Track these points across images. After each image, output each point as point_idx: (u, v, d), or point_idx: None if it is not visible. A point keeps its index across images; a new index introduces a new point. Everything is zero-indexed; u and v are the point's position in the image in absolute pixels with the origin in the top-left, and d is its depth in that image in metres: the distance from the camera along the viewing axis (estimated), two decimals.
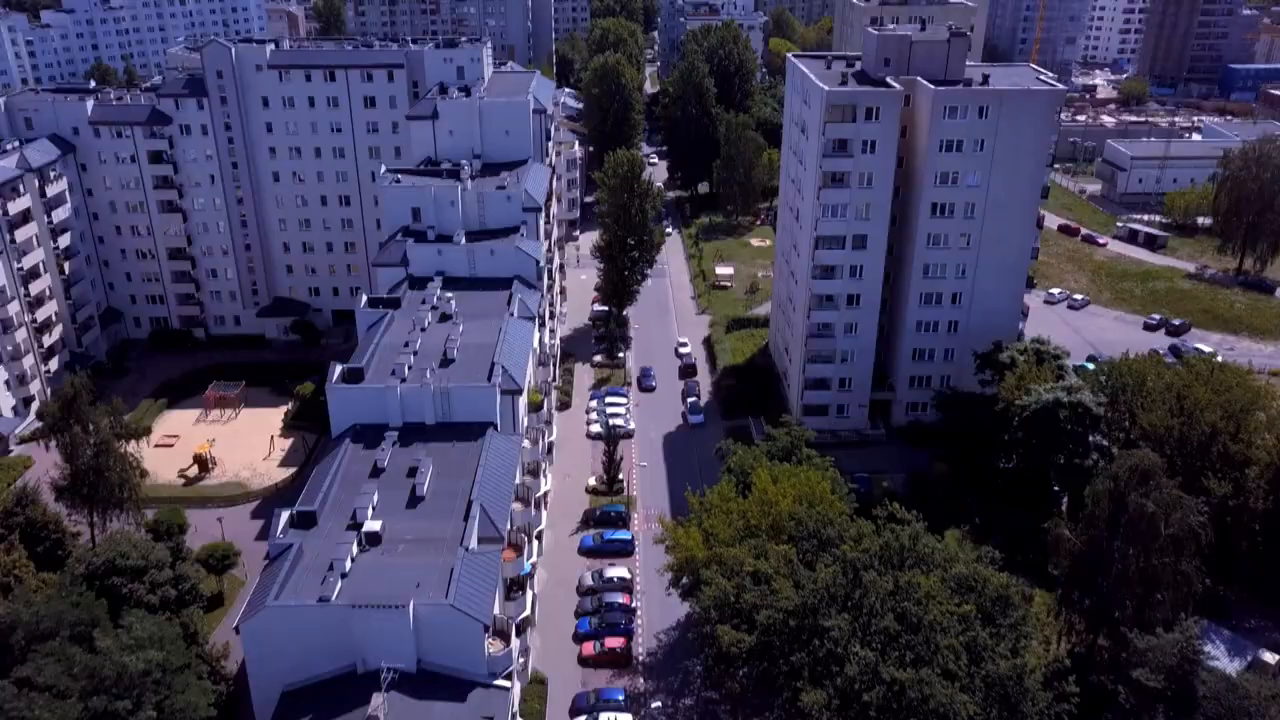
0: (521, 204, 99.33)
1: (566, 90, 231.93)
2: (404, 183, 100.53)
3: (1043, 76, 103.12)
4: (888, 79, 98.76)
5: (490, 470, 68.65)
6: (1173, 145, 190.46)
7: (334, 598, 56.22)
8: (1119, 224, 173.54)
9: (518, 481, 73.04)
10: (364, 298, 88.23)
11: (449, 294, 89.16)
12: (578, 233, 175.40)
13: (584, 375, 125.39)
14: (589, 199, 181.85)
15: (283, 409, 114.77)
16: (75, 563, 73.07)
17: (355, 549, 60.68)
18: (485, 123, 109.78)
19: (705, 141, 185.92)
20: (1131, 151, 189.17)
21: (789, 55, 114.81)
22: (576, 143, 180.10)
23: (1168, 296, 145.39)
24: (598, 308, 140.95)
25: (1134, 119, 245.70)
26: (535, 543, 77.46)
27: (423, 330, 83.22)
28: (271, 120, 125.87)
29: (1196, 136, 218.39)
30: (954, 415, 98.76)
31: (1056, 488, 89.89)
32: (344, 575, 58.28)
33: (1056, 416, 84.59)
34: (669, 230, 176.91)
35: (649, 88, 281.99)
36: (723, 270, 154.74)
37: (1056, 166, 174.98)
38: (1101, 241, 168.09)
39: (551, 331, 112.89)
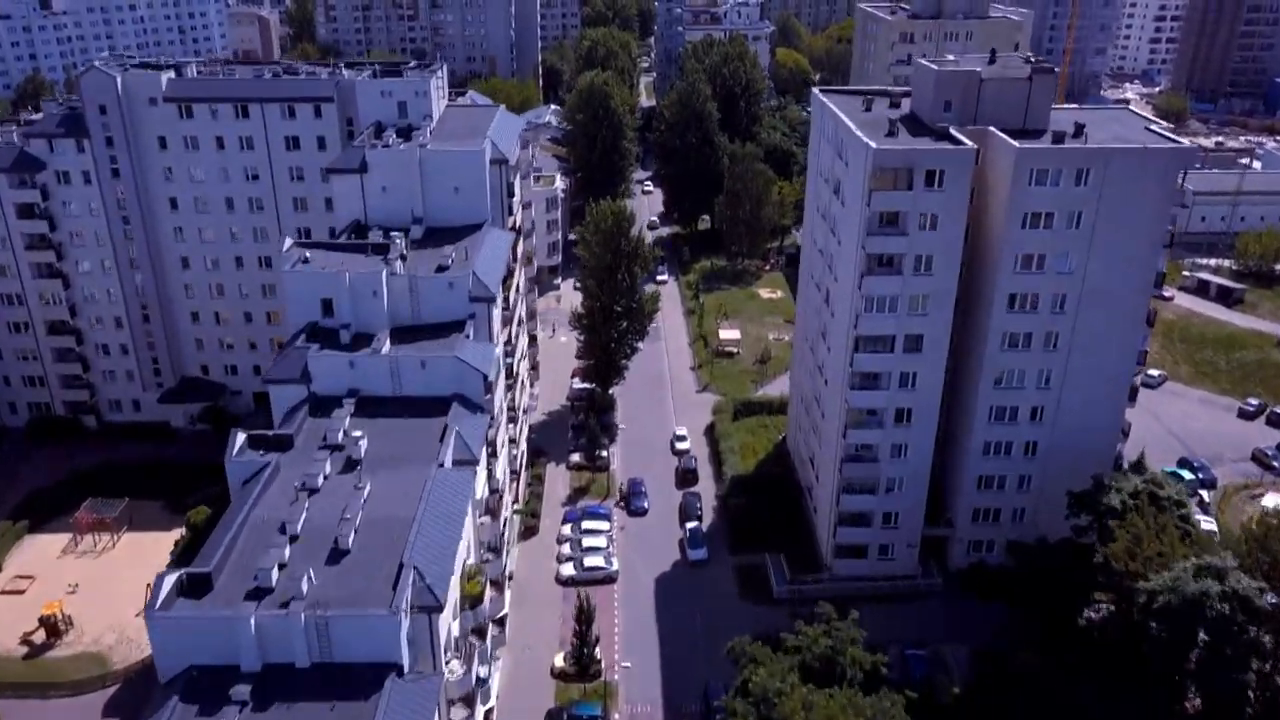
0: (469, 292, 75.18)
1: (552, 107, 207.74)
2: (313, 262, 76.23)
3: (1153, 127, 79.15)
4: (951, 129, 74.64)
5: None
6: (1246, 178, 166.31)
7: None
8: (1185, 273, 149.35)
9: None
10: (239, 437, 63.84)
11: (359, 428, 65.03)
12: (559, 280, 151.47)
13: (557, 482, 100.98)
14: (573, 237, 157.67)
15: (175, 533, 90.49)
16: None
17: None
18: (428, 177, 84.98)
19: (706, 173, 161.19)
20: (1195, 185, 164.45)
21: (815, 91, 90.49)
22: (559, 175, 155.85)
23: (1261, 371, 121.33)
24: (578, 384, 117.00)
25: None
26: None
27: (314, 492, 59.14)
28: (171, 164, 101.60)
29: (1257, 165, 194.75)
30: (1035, 566, 75.52)
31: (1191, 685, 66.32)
32: None
33: (1203, 611, 60.85)
34: (664, 277, 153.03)
35: (645, 101, 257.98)
36: (727, 334, 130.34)
37: None
38: (1167, 295, 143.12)
39: (512, 442, 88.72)
